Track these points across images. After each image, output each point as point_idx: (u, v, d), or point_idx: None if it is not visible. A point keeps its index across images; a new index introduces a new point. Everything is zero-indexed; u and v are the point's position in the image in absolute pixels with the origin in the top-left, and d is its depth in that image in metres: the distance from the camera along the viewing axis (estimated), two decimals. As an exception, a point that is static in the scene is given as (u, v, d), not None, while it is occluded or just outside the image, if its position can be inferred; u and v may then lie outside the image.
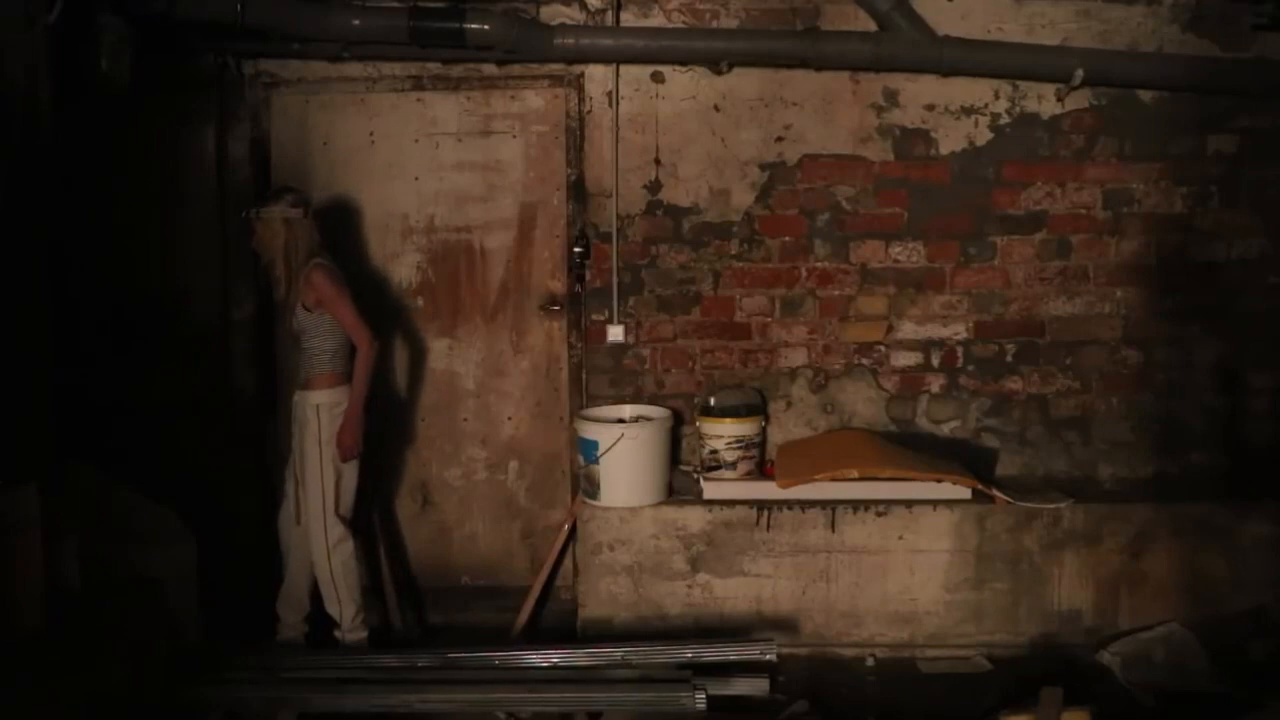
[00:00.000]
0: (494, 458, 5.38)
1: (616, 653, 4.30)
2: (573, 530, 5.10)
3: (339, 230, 5.20)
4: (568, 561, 5.22)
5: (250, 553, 5.03)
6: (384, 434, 5.22)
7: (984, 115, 5.08)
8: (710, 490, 4.90)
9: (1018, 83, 5.05)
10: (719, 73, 5.06)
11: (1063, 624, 4.74)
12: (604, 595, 4.86)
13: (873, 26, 4.90)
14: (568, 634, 4.95)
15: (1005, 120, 5.08)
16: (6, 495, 3.47)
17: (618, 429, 4.87)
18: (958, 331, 5.16)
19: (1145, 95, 5.03)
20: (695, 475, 5.04)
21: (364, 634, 4.71)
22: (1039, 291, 5.13)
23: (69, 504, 3.82)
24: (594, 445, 4.85)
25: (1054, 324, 5.14)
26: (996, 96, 5.07)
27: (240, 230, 4.85)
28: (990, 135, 5.09)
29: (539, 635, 5.06)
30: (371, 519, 4.99)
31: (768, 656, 4.23)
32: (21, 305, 3.70)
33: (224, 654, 4.30)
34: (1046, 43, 4.98)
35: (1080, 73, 4.85)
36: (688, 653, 4.26)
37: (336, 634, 4.72)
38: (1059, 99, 5.03)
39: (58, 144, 3.88)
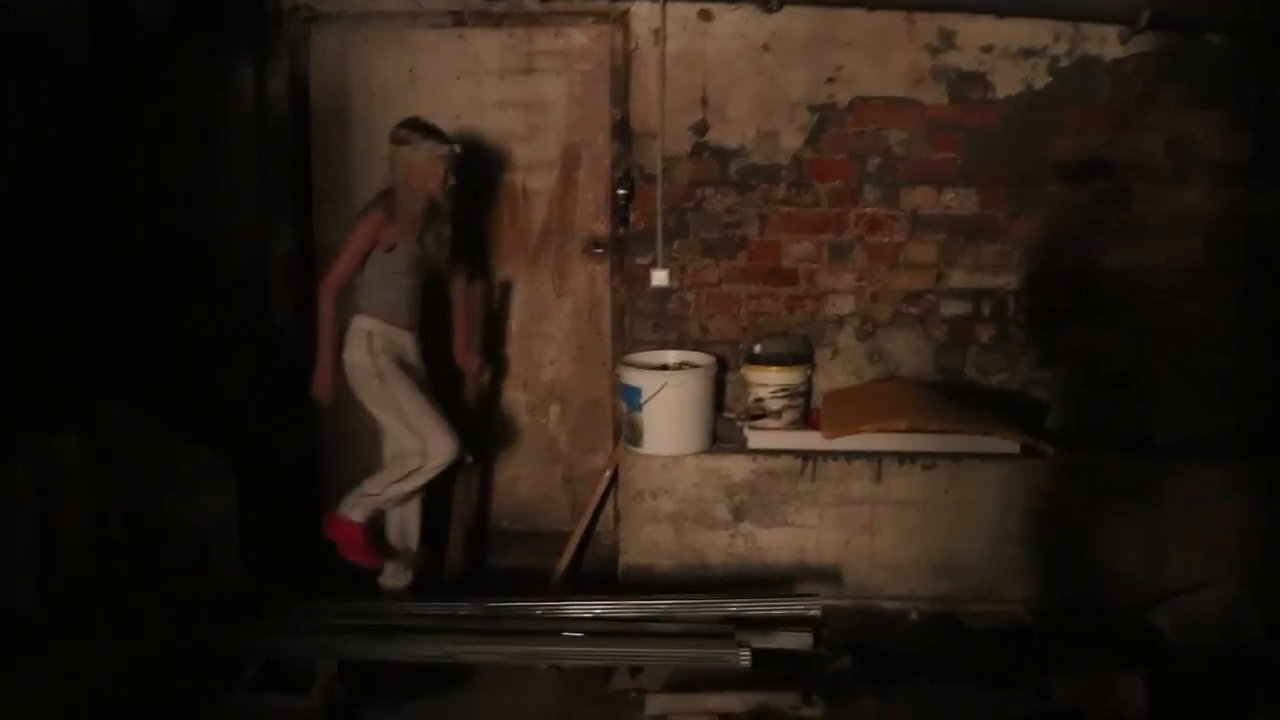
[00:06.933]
0: (535, 401, 5.33)
1: (660, 605, 4.26)
2: (614, 477, 5.06)
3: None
4: (608, 508, 5.19)
5: (291, 498, 5.01)
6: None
7: (1042, 58, 4.91)
8: (755, 439, 4.83)
9: (1079, 24, 4.86)
10: (769, 10, 4.90)
11: (1111, 582, 4.63)
12: (645, 543, 4.83)
13: (931, -37, 4.74)
14: (608, 580, 4.92)
15: (1065, 63, 4.90)
16: (49, 444, 3.46)
17: (661, 377, 4.79)
18: (1009, 281, 5.04)
19: (1213, 38, 4.84)
20: (739, 423, 4.97)
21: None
22: (1095, 242, 4.98)
23: (110, 448, 3.81)
24: (637, 392, 4.77)
25: (1109, 275, 4.98)
26: (1056, 39, 4.89)
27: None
28: (1049, 79, 4.92)
29: (579, 580, 5.04)
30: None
31: (812, 613, 4.18)
32: (59, 251, 3.66)
33: (265, 600, 4.29)
34: (1111, -18, 4.80)
35: (1146, 14, 4.65)
36: (732, 607, 4.21)
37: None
38: (1122, 41, 4.85)
39: (94, 82, 3.81)
